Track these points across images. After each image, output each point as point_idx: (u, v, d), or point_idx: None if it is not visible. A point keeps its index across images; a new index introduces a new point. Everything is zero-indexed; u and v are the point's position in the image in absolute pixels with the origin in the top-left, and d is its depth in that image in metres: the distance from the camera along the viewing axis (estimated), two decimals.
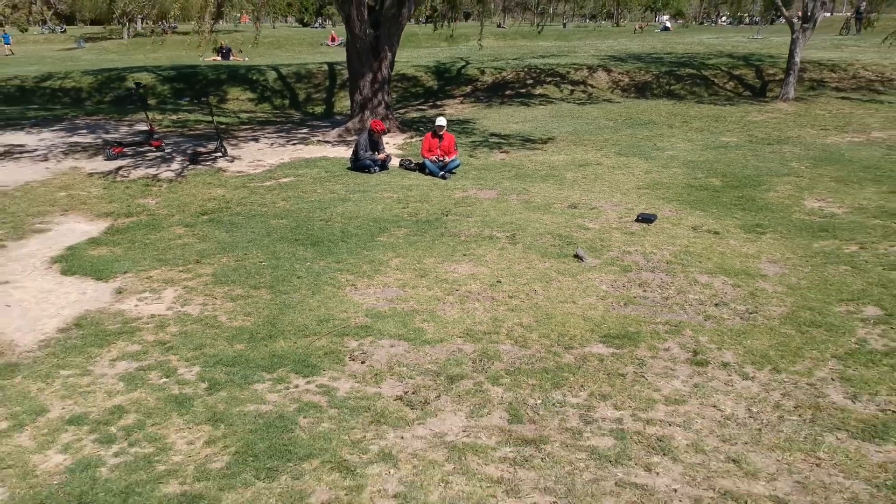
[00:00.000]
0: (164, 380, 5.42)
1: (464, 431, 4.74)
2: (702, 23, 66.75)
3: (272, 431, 4.68)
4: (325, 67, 23.99)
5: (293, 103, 22.23)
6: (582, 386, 5.31)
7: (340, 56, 29.88)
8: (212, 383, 5.32)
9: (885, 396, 5.23)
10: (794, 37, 19.51)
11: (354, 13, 15.59)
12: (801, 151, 13.61)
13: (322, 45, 46.35)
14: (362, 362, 5.68)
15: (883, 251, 8.21)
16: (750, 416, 4.97)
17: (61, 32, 76.81)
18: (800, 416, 4.99)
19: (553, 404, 5.06)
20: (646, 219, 9.31)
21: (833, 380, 5.49)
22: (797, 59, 19.60)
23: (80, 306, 6.86)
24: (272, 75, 23.50)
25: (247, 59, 33.68)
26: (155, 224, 9.50)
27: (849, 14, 43.79)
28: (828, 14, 72.74)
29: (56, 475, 4.31)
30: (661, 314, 6.62)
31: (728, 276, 7.49)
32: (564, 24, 54.87)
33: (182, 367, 5.61)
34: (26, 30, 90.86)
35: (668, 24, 49.68)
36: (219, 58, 32.90)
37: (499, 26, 56.15)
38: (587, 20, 67.15)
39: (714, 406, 5.10)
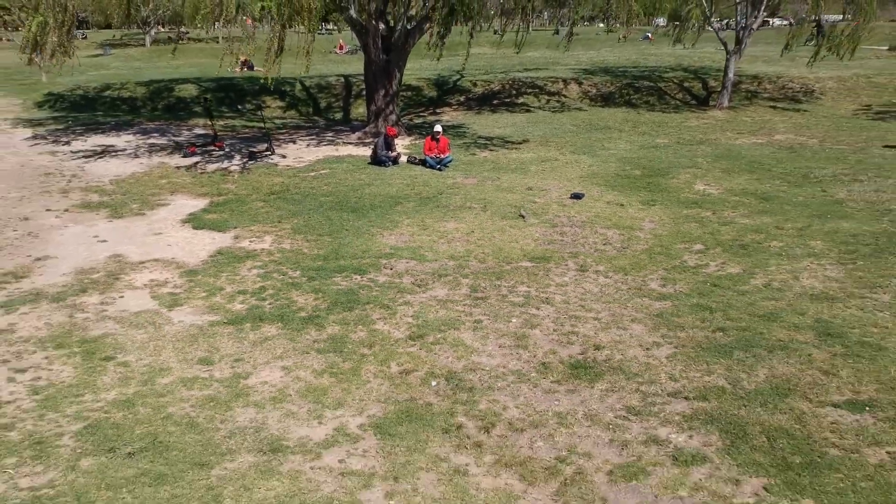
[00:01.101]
0: (282, 276, 9.76)
1: (446, 295, 9.08)
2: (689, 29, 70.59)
3: (347, 295, 9.02)
4: (342, 80, 28.30)
5: (316, 111, 26.57)
6: (512, 279, 9.65)
7: (351, 66, 34.18)
8: (309, 277, 9.67)
9: (679, 286, 9.53)
10: (728, 57, 23.83)
11: (371, 42, 19.93)
12: (710, 150, 17.95)
13: (331, 53, 50.50)
14: (390, 269, 10.01)
15: (726, 215, 12.54)
16: (600, 292, 9.30)
17: (82, 38, 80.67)
18: (627, 292, 9.31)
19: (494, 286, 9.39)
20: (576, 196, 13.64)
21: (656, 279, 9.80)
22: (731, 76, 23.94)
23: (215, 245, 11.20)
24: (298, 87, 27.82)
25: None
26: (241, 200, 13.83)
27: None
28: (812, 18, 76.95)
29: (241, 311, 8.65)
30: (568, 248, 10.95)
31: (618, 229, 11.82)
32: (557, 31, 58.72)
33: (289, 271, 9.96)
34: None
35: (649, 35, 53.83)
36: (245, 69, 37.13)
37: (495, 32, 60.15)
38: (583, 23, 70.81)
39: (582, 287, 9.42)
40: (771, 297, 8.96)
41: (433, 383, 6.95)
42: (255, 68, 38.70)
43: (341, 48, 52.43)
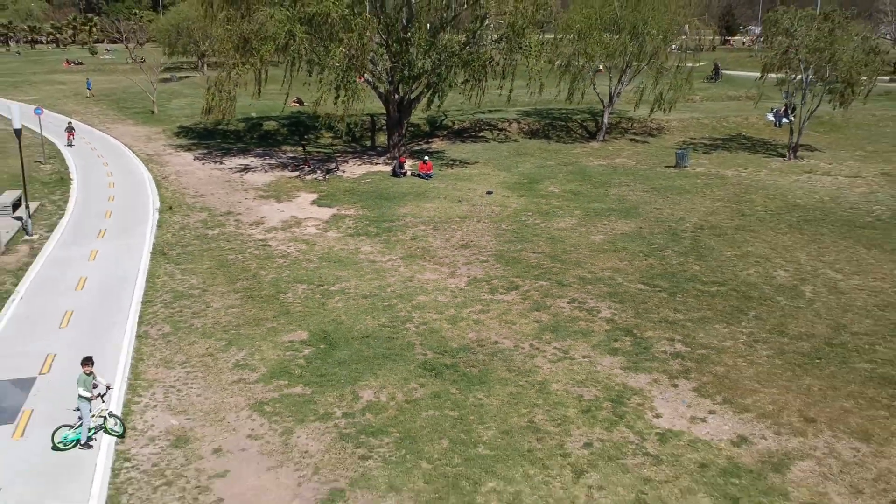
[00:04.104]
0: (362, 223, 25.59)
1: (424, 228, 24.93)
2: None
3: (388, 228, 24.85)
4: (369, 118, 44.12)
5: (353, 139, 42.40)
6: (450, 224, 25.48)
7: (370, 102, 49.70)
8: (372, 222, 25.52)
9: (512, 227, 25.30)
10: (603, 109, 39.53)
11: (389, 106, 35.80)
12: (570, 168, 33.72)
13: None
14: (403, 220, 25.86)
15: (550, 201, 28.30)
16: (481, 228, 25.08)
17: (141, 63, 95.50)
18: (490, 228, 25.10)
19: (443, 226, 25.23)
20: (489, 192, 29.44)
21: (505, 225, 25.56)
22: (605, 120, 39.67)
23: (330, 212, 27.06)
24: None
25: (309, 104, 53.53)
26: (332, 194, 29.66)
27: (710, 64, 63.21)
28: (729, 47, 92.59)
29: (351, 232, 24.51)
30: (476, 214, 26.79)
31: (500, 207, 27.63)
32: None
33: (364, 221, 25.79)
34: (95, 52, 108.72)
35: (601, 67, 69.21)
36: (297, 104, 52.79)
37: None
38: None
39: (475, 227, 25.20)
40: (542, 230, 24.73)
41: (418, 251, 22.78)
42: (304, 104, 54.37)
43: (360, 78, 68.21)
